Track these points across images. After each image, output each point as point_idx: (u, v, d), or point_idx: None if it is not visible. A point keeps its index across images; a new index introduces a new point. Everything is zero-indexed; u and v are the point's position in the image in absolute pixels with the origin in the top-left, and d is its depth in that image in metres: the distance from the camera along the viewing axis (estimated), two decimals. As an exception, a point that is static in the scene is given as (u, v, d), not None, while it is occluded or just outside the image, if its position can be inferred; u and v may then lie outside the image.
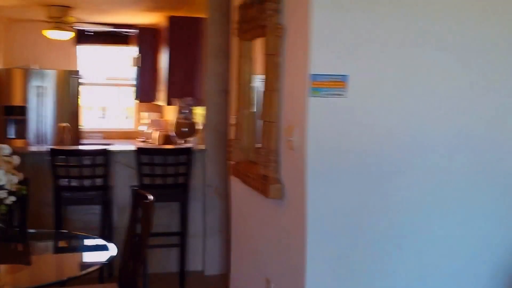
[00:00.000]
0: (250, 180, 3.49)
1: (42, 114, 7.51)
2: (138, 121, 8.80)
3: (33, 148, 5.62)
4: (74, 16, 7.08)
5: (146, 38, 7.49)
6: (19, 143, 7.51)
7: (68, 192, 4.74)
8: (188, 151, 5.00)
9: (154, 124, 8.00)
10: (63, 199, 4.72)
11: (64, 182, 4.70)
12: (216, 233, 5.33)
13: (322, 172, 2.82)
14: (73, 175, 4.70)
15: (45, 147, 7.24)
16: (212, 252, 5.35)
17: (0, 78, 7.40)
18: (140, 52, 7.47)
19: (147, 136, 8.01)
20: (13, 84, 7.46)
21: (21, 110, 7.48)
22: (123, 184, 5.10)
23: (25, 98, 7.47)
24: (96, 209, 4.94)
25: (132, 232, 3.31)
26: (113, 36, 8.37)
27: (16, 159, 3.13)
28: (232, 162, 3.95)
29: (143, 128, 8.32)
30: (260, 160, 3.27)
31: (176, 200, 5.07)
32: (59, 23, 6.91)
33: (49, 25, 6.94)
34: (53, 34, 6.92)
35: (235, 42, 3.97)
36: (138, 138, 8.40)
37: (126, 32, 8.21)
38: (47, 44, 7.96)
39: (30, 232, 3.64)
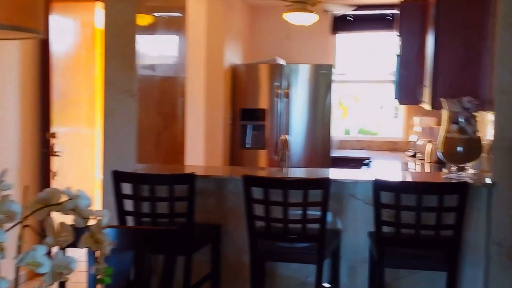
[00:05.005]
0: None
1: (287, 119, 6.12)
2: (409, 128, 6.82)
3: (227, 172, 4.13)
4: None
5: (409, 17, 5.38)
6: (259, 155, 6.24)
7: (267, 241, 3.14)
8: (461, 187, 2.93)
9: (425, 133, 5.95)
10: (259, 250, 3.12)
11: (260, 224, 3.09)
12: (508, 325, 3.16)
13: None
14: (273, 217, 3.05)
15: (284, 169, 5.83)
16: None
17: (239, 75, 6.19)
18: (400, 37, 5.42)
19: (419, 149, 6.00)
20: (254, 82, 6.19)
21: (262, 114, 6.18)
22: (357, 227, 3.35)
23: (267, 100, 6.16)
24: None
25: None
26: (374, 20, 6.57)
27: (104, 217, 1.49)
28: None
29: (414, 138, 6.32)
30: None
31: (438, 268, 3.06)
32: (304, 3, 5.41)
33: (293, 8, 5.49)
34: (294, 18, 5.44)
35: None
36: (407, 151, 6.45)
37: (389, 15, 6.35)
38: (296, 34, 6.58)
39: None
